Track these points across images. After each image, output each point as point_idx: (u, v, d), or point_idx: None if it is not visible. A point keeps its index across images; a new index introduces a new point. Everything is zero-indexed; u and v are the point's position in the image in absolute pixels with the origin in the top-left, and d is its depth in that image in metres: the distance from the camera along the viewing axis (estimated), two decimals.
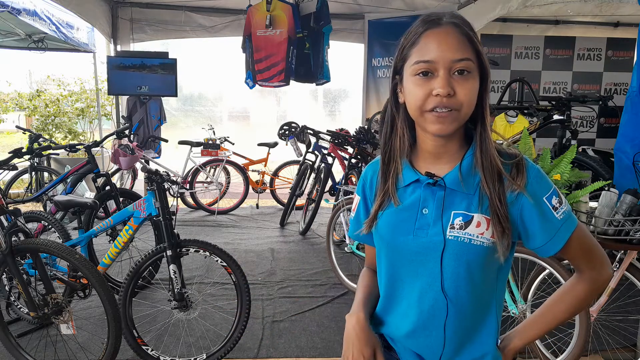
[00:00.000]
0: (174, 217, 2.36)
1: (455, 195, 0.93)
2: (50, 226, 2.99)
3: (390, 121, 0.99)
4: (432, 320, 0.95)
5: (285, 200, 5.20)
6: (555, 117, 3.28)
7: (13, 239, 2.27)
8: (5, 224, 2.59)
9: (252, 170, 5.81)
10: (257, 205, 5.87)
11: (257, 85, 5.08)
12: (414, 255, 0.95)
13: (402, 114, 0.97)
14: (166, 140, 5.53)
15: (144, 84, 5.52)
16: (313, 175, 4.91)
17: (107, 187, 3.52)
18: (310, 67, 5.11)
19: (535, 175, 0.92)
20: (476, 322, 0.97)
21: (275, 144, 5.71)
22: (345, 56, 6.78)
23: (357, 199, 1.09)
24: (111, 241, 2.98)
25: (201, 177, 5.60)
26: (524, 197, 0.91)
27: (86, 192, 4.82)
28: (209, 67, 9.25)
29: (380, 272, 1.04)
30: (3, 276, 2.56)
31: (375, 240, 1.03)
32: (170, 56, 5.62)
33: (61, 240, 2.86)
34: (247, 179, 5.66)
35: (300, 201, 5.14)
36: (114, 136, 4.10)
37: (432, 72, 0.87)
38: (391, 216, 0.97)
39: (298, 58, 4.91)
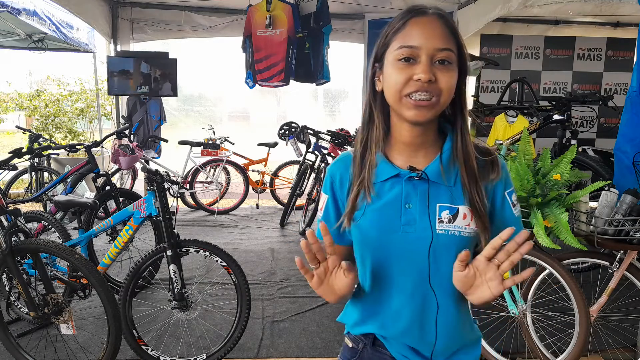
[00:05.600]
0: (174, 217, 2.36)
1: (437, 187, 0.94)
2: (50, 226, 2.99)
3: (368, 110, 0.99)
4: (425, 315, 0.96)
5: (285, 200, 5.20)
6: (555, 117, 3.29)
7: (13, 239, 2.27)
8: (5, 224, 2.59)
9: (252, 170, 5.81)
10: (257, 205, 5.87)
11: (257, 85, 5.08)
12: (403, 252, 0.94)
13: (380, 102, 0.97)
14: (166, 140, 5.53)
15: (144, 84, 5.52)
16: (313, 175, 4.91)
17: (107, 187, 3.53)
18: (310, 67, 5.10)
19: (506, 171, 0.99)
20: (461, 310, 0.99)
21: (275, 144, 5.71)
22: (345, 56, 6.77)
23: (324, 197, 1.04)
24: (111, 241, 2.98)
25: (201, 177, 5.61)
26: (495, 189, 0.97)
27: (86, 192, 4.82)
28: (209, 67, 9.25)
29: (363, 272, 1.01)
30: (3, 276, 2.56)
31: (357, 240, 0.99)
32: (170, 56, 5.63)
33: (61, 240, 2.86)
34: (247, 179, 5.66)
35: (300, 201, 5.14)
36: (114, 136, 4.11)
37: (415, 58, 0.87)
38: (374, 214, 0.95)
39: (298, 58, 4.91)
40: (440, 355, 0.98)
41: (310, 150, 4.87)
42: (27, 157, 4.13)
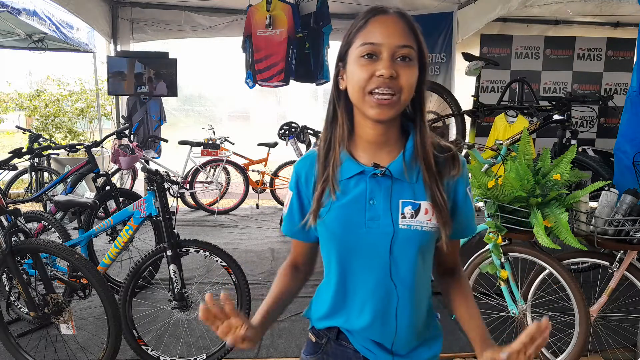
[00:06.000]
0: (174, 217, 2.36)
1: (400, 184, 0.96)
2: (50, 226, 2.99)
3: (332, 108, 1.01)
4: (387, 309, 0.98)
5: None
6: (555, 117, 3.28)
7: (13, 239, 2.27)
8: (5, 224, 2.59)
9: (252, 170, 5.81)
10: (257, 205, 5.87)
11: (257, 85, 5.08)
12: (366, 247, 0.96)
13: (343, 100, 0.98)
14: (166, 140, 5.53)
15: (139, 84, 5.52)
16: None
17: (107, 187, 3.52)
18: (310, 67, 5.10)
19: (465, 167, 1.01)
20: (422, 305, 1.01)
21: (275, 144, 5.72)
22: None
23: (290, 194, 1.07)
24: (111, 241, 2.98)
25: (201, 177, 5.61)
26: (458, 185, 0.99)
27: (86, 192, 4.83)
28: (209, 67, 9.25)
29: (329, 268, 1.03)
30: (3, 276, 2.56)
31: (323, 236, 1.01)
32: (170, 56, 5.62)
33: (61, 240, 2.86)
34: (247, 179, 5.66)
35: None
36: (114, 136, 4.11)
37: (377, 55, 0.89)
38: (339, 211, 0.97)
39: (298, 58, 4.91)
40: (402, 349, 1.01)
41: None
42: (27, 157, 4.13)
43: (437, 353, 1.06)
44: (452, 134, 4.48)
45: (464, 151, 2.71)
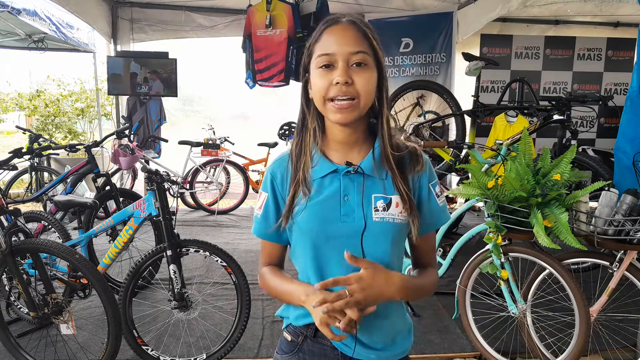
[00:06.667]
0: (174, 217, 2.36)
1: (372, 180, 1.01)
2: (50, 226, 2.99)
3: (301, 116, 1.06)
4: None
5: None
6: (555, 117, 3.28)
7: (13, 239, 2.28)
8: (5, 224, 2.59)
9: (252, 170, 5.81)
10: None
11: (257, 85, 5.08)
12: (342, 240, 0.99)
13: (313, 108, 1.03)
14: (166, 140, 5.54)
15: (144, 84, 5.52)
16: None
17: (107, 187, 3.53)
18: None
19: (428, 164, 1.07)
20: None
21: (275, 144, 5.72)
22: None
23: (264, 195, 1.08)
24: (111, 241, 2.98)
25: (201, 177, 5.61)
26: (421, 180, 1.05)
27: (86, 192, 4.82)
28: (209, 67, 9.24)
29: (304, 266, 1.05)
30: (3, 276, 2.56)
31: (299, 234, 1.03)
32: (170, 56, 5.62)
33: (61, 240, 2.86)
34: (247, 179, 5.66)
35: None
36: (114, 136, 4.11)
37: (333, 64, 0.95)
38: (316, 207, 1.00)
39: (298, 58, 4.91)
40: (376, 343, 1.03)
41: None
42: (27, 157, 4.13)
43: (409, 346, 1.10)
44: (452, 134, 4.48)
45: (464, 151, 2.71)
